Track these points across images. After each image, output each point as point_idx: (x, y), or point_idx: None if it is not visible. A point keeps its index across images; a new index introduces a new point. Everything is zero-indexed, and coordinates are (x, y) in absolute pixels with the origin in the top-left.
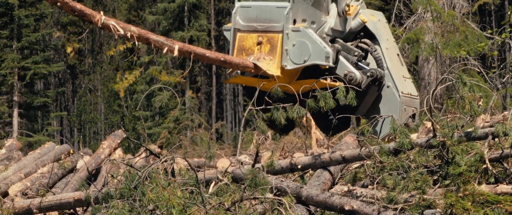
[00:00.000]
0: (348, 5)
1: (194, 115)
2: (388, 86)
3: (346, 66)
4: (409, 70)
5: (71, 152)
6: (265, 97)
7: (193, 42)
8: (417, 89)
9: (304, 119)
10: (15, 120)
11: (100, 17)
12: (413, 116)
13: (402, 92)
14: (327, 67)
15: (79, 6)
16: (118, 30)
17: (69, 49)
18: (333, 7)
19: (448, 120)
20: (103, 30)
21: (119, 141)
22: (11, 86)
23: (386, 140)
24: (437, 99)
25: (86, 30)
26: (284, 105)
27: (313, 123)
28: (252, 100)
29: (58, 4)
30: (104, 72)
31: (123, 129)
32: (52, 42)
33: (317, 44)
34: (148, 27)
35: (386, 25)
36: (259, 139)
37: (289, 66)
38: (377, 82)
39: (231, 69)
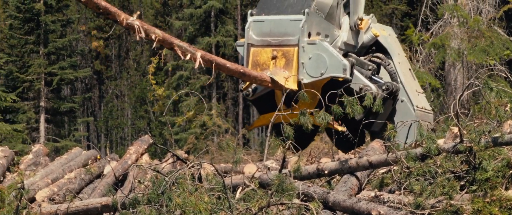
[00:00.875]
0: (360, 19)
1: (221, 120)
2: (402, 101)
3: (361, 80)
4: (436, 76)
5: (98, 157)
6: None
7: (220, 47)
8: (431, 104)
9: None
10: (42, 126)
11: (125, 17)
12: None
13: (417, 107)
14: (344, 79)
15: (104, 3)
16: (141, 32)
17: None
18: (345, 21)
19: (475, 125)
20: (128, 30)
21: (146, 147)
22: (38, 91)
23: (413, 145)
24: (463, 104)
25: (112, 35)
26: (311, 110)
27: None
28: (279, 106)
29: (83, 0)
30: (130, 78)
31: (150, 134)
32: (78, 48)
33: (334, 57)
34: (174, 32)
35: (397, 40)
36: (286, 144)
37: (306, 80)
38: (392, 96)
39: (247, 83)
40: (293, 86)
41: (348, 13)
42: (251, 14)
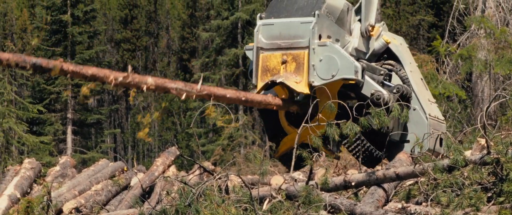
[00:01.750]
0: (371, 25)
1: (248, 132)
2: (414, 109)
3: (372, 86)
4: (462, 87)
5: (125, 169)
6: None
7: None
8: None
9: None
10: (69, 137)
11: (113, 77)
12: (441, 141)
13: (430, 115)
14: (356, 82)
15: (90, 70)
16: (133, 83)
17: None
18: (356, 27)
19: (502, 136)
20: (117, 88)
21: (172, 158)
22: (65, 103)
23: (440, 157)
24: (490, 116)
25: (139, 47)
26: (337, 122)
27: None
28: (306, 117)
29: (69, 75)
30: None
31: (177, 146)
32: (105, 59)
33: (345, 58)
34: (201, 44)
35: (408, 50)
36: (313, 156)
37: (317, 82)
38: (404, 99)
39: (258, 89)
40: (304, 90)
41: (360, 20)
42: (260, 18)
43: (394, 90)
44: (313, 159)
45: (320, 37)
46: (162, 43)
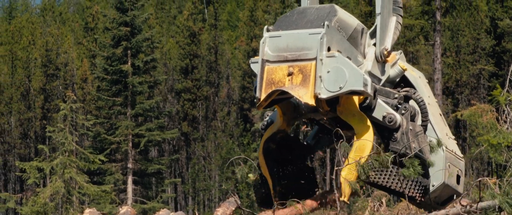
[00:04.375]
0: (386, 50)
1: None
2: (430, 141)
3: (384, 108)
4: None
5: None
6: None
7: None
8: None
9: None
10: (130, 187)
11: None
12: (458, 179)
13: (446, 148)
14: (365, 96)
15: None
16: None
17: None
18: (370, 51)
19: None
20: None
21: (233, 208)
22: (125, 153)
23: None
24: None
25: (200, 97)
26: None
27: None
28: (362, 162)
29: None
30: (217, 139)
31: (237, 196)
32: (166, 109)
33: (354, 70)
34: None
35: (427, 85)
36: (374, 205)
37: (323, 94)
38: (412, 119)
39: (261, 99)
40: (309, 101)
41: (375, 44)
42: (268, 30)
43: (402, 111)
44: (375, 209)
45: (329, 49)
46: (222, 93)
